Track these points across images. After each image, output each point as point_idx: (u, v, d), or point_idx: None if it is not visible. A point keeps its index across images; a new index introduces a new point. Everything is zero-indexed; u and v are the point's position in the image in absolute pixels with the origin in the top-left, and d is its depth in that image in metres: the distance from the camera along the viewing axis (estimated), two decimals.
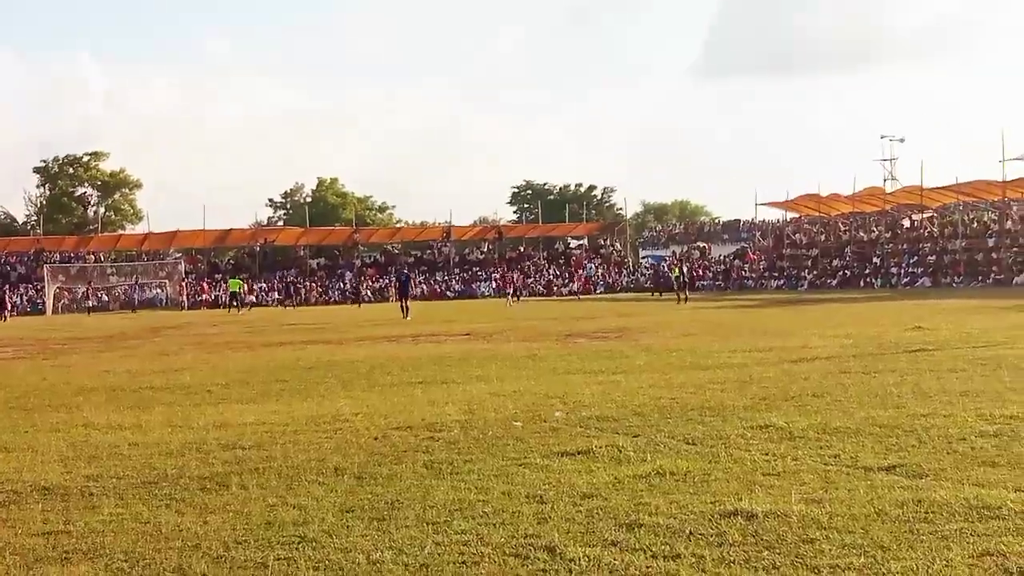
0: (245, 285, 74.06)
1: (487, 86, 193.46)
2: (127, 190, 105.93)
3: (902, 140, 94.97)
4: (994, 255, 68.64)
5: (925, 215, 79.00)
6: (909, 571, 5.56)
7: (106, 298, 79.84)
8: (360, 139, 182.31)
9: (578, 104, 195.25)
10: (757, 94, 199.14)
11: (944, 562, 5.69)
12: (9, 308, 65.25)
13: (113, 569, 6.06)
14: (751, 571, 5.65)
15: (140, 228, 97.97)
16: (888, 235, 78.38)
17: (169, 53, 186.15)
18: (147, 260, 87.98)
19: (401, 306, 43.56)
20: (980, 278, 66.47)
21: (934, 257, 72.08)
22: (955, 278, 67.45)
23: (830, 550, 5.95)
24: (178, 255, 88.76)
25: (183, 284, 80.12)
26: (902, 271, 72.46)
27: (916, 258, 73.30)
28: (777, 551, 5.97)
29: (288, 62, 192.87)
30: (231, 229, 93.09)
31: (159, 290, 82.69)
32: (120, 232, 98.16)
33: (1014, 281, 63.53)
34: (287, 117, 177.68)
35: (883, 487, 7.40)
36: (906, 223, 79.60)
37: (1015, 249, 67.83)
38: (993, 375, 13.91)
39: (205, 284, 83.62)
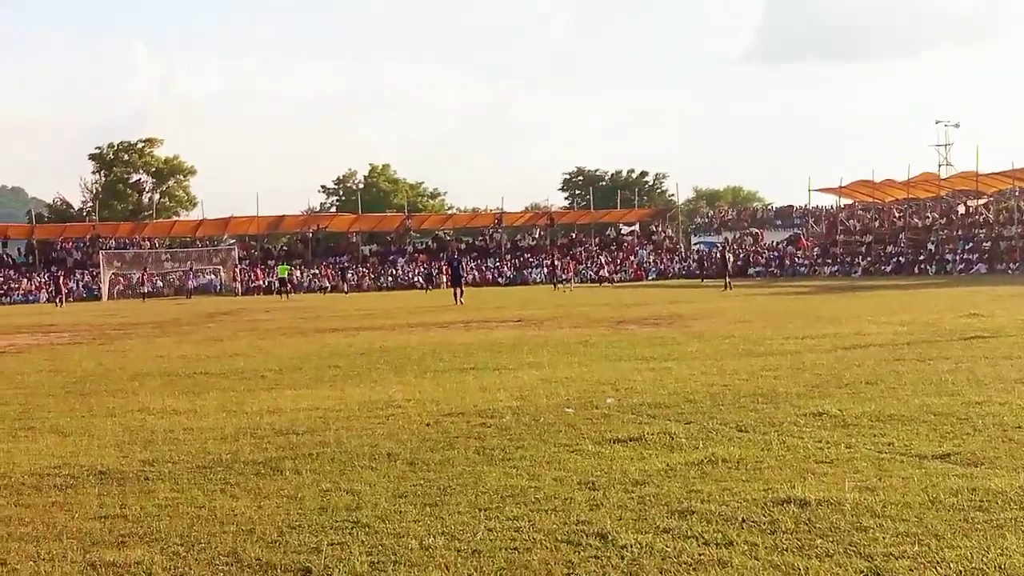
0: (296, 271, 74.55)
1: (536, 72, 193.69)
2: (181, 176, 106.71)
3: (957, 125, 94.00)
4: None
5: (980, 201, 78.00)
6: (964, 560, 5.52)
7: (161, 284, 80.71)
8: (411, 125, 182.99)
9: (630, 90, 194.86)
10: (810, 80, 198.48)
11: (999, 551, 5.64)
12: (65, 293, 66.04)
13: (169, 553, 6.13)
14: (804, 559, 5.63)
15: (194, 214, 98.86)
16: (943, 221, 77.40)
17: (219, 38, 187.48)
18: (201, 246, 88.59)
19: (454, 292, 43.81)
20: None
21: (989, 243, 71.09)
22: (1011, 265, 66.51)
23: (884, 538, 5.92)
24: (232, 241, 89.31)
25: (236, 270, 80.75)
26: (957, 258, 71.52)
27: (971, 244, 72.32)
28: (830, 539, 5.94)
29: (335, 47, 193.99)
30: (284, 215, 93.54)
31: (213, 276, 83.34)
32: (174, 218, 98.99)
33: None
34: (337, 103, 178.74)
35: (937, 475, 7.35)
36: (961, 209, 78.60)
37: None
38: None
39: (259, 270, 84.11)
